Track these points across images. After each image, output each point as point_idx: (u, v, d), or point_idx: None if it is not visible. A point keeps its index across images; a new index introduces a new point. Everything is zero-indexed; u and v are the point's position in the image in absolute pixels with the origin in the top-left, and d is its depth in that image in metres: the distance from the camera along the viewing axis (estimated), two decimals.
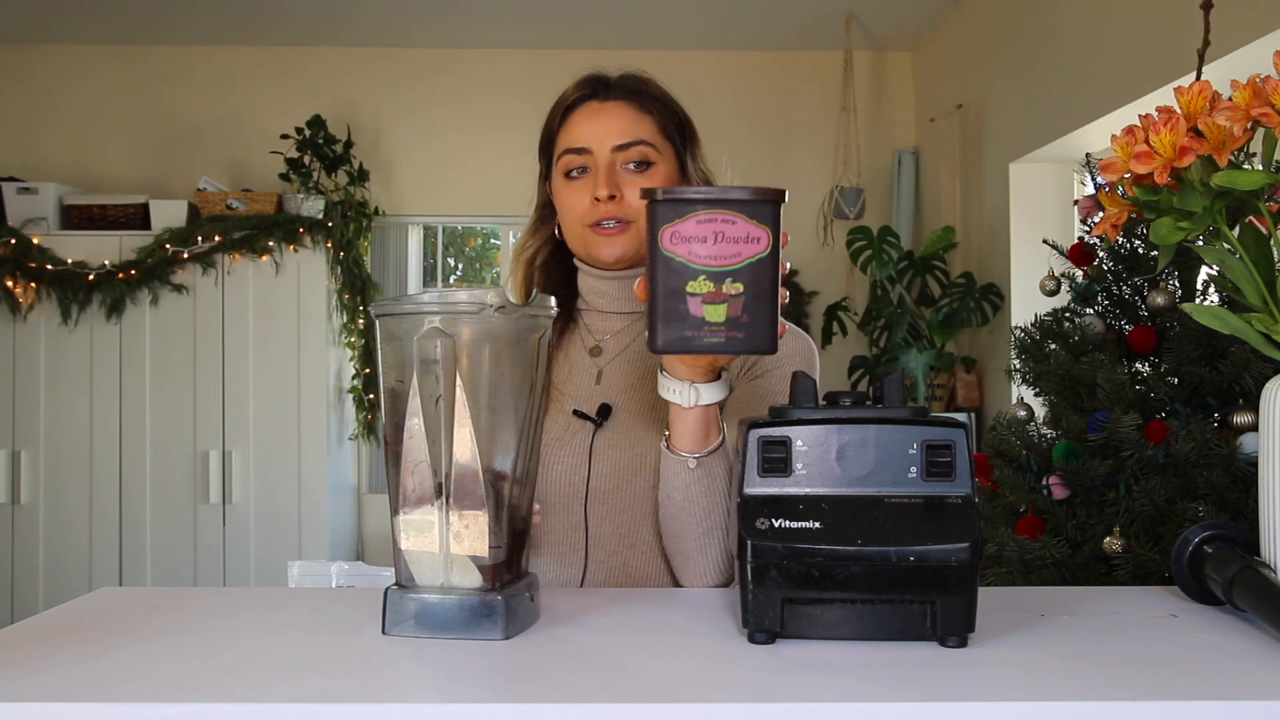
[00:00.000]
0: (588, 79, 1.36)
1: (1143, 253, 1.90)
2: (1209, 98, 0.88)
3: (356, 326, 4.42)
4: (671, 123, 1.35)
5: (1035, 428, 1.96)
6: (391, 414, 0.89)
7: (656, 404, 1.29)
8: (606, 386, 1.34)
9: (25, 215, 4.29)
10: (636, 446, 1.28)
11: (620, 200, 1.30)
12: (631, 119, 1.32)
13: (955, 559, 0.81)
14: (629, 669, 0.78)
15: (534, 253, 1.42)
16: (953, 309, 3.99)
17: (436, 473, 0.87)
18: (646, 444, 1.28)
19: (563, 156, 1.33)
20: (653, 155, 1.32)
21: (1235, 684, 0.74)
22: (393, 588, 0.89)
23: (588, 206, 1.30)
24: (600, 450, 1.29)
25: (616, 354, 1.37)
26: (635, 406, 1.31)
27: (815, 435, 0.86)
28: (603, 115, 1.32)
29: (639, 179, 1.31)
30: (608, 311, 1.39)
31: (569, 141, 1.33)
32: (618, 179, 1.30)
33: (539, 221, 1.42)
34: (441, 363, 0.86)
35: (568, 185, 1.33)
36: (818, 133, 4.78)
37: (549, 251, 1.41)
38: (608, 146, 1.30)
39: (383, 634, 0.87)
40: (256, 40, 4.73)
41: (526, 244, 1.43)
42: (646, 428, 1.29)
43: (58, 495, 4.26)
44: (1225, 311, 0.92)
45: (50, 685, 0.74)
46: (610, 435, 1.29)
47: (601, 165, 1.30)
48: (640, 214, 1.30)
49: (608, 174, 1.30)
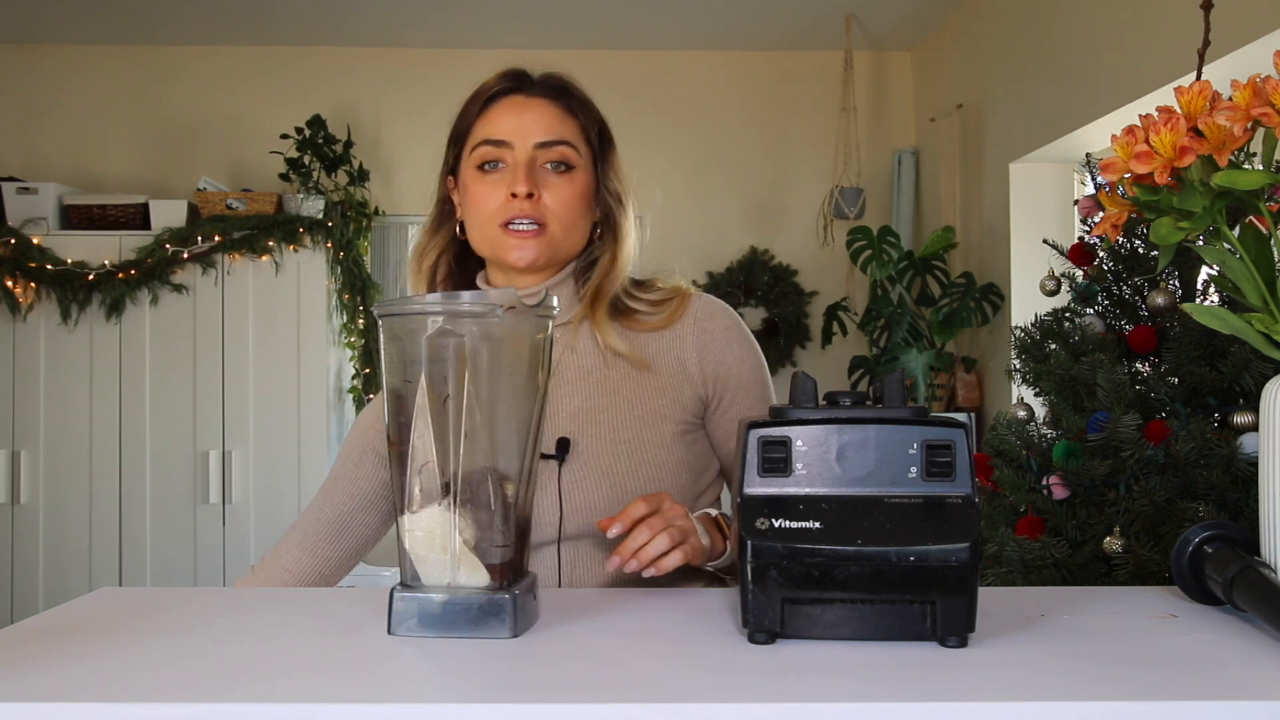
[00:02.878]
0: (512, 72, 1.29)
1: (1143, 253, 1.90)
2: (1209, 98, 0.88)
3: (356, 326, 4.42)
4: (593, 129, 1.30)
5: (1035, 428, 1.95)
6: (396, 414, 0.88)
7: (615, 423, 1.24)
8: (554, 416, 1.25)
9: (25, 215, 4.29)
10: (610, 474, 1.21)
11: (537, 200, 1.23)
12: (557, 118, 1.27)
13: (955, 559, 0.81)
14: (629, 669, 0.78)
15: (435, 258, 1.33)
16: (953, 309, 3.99)
17: (444, 472, 0.87)
18: (620, 468, 1.21)
19: (479, 148, 1.26)
20: (574, 159, 1.26)
21: (1235, 684, 0.74)
22: (398, 588, 0.88)
23: (501, 203, 1.24)
24: (572, 485, 1.21)
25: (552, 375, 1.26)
26: (592, 430, 1.23)
27: (815, 435, 0.86)
28: (527, 110, 1.26)
29: (559, 181, 1.25)
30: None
31: (488, 133, 1.26)
32: (537, 177, 1.24)
33: (439, 220, 1.35)
34: (450, 363, 0.86)
35: (480, 179, 1.26)
36: (818, 133, 4.78)
37: (451, 255, 1.34)
38: (530, 142, 1.24)
39: (389, 634, 0.87)
40: (256, 40, 4.73)
41: (426, 248, 1.34)
42: (614, 450, 1.22)
43: (58, 495, 4.25)
44: (1225, 311, 0.92)
45: (50, 685, 0.73)
46: (578, 467, 1.22)
47: (521, 161, 1.24)
48: (558, 218, 1.24)
49: (527, 170, 1.23)
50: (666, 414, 1.26)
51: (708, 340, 1.29)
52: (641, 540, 1.03)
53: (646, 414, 1.25)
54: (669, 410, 1.26)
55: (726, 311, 1.33)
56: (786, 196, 4.82)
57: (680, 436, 1.26)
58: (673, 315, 1.30)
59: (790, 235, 4.79)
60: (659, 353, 1.29)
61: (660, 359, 1.29)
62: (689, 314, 1.31)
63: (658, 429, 1.25)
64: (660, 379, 1.28)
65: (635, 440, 1.23)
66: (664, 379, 1.28)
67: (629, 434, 1.23)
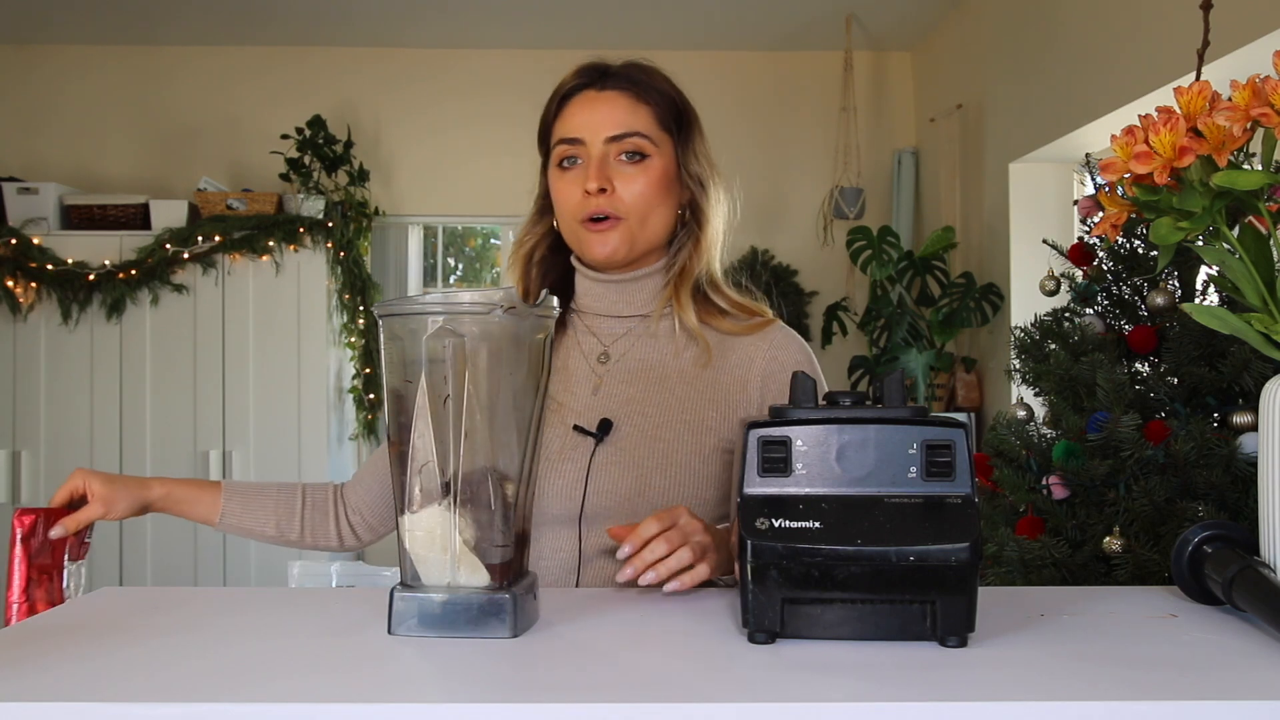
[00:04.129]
0: (587, 67, 1.32)
1: (1143, 253, 1.90)
2: (1209, 98, 0.88)
3: (356, 326, 4.42)
4: (671, 114, 1.31)
5: (1035, 428, 1.95)
6: (397, 414, 0.89)
7: (660, 420, 1.25)
8: (605, 398, 1.29)
9: (25, 215, 4.28)
10: (640, 467, 1.23)
11: (611, 194, 1.26)
12: (627, 109, 1.28)
13: (955, 559, 0.81)
14: (629, 668, 0.78)
15: (532, 247, 1.38)
16: (953, 309, 3.99)
17: (444, 472, 0.87)
18: (651, 464, 1.23)
19: (557, 146, 1.29)
20: (648, 148, 1.28)
21: (1235, 684, 0.74)
22: (398, 588, 0.88)
23: (579, 199, 1.27)
24: (600, 468, 1.24)
25: (614, 362, 1.32)
26: (637, 421, 1.26)
27: (815, 435, 0.86)
28: (598, 105, 1.28)
29: (633, 171, 1.27)
30: (605, 315, 1.34)
31: (563, 131, 1.29)
32: (610, 171, 1.26)
33: (538, 214, 1.38)
34: (450, 363, 0.86)
35: (560, 177, 1.29)
36: (818, 133, 4.78)
37: (547, 246, 1.38)
38: (600, 137, 1.26)
39: (389, 634, 0.87)
40: (256, 40, 4.73)
41: (525, 237, 1.39)
42: (651, 446, 1.24)
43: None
44: (1225, 311, 0.92)
45: (50, 685, 0.73)
46: (611, 452, 1.24)
47: (594, 156, 1.26)
48: (633, 210, 1.27)
49: (599, 166, 1.26)
50: (713, 427, 1.27)
51: (776, 369, 1.30)
52: (659, 553, 1.01)
53: (694, 421, 1.26)
54: (716, 424, 1.27)
55: (804, 349, 1.34)
56: (786, 196, 4.82)
57: (720, 454, 1.27)
58: (751, 328, 1.32)
59: (790, 235, 4.79)
60: (726, 358, 1.31)
61: (725, 363, 1.30)
62: (766, 337, 1.32)
63: (700, 439, 1.26)
64: (718, 392, 1.29)
65: (675, 441, 1.25)
66: (722, 393, 1.29)
67: (670, 434, 1.25)
